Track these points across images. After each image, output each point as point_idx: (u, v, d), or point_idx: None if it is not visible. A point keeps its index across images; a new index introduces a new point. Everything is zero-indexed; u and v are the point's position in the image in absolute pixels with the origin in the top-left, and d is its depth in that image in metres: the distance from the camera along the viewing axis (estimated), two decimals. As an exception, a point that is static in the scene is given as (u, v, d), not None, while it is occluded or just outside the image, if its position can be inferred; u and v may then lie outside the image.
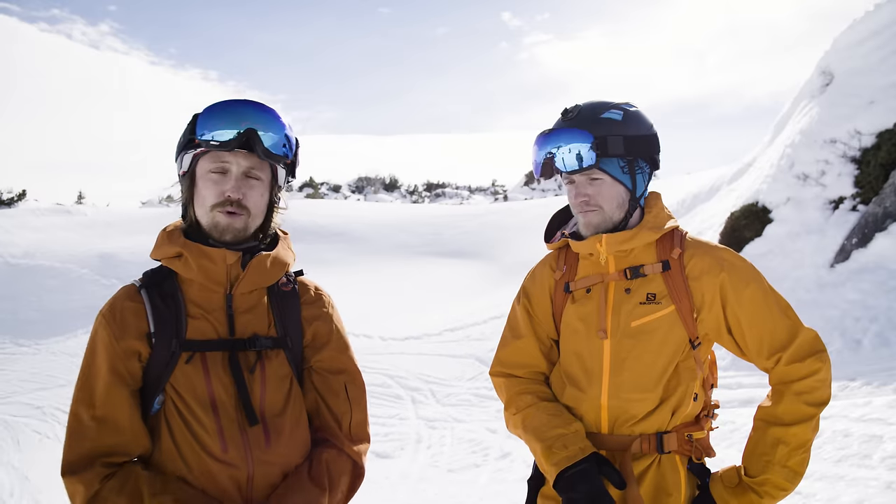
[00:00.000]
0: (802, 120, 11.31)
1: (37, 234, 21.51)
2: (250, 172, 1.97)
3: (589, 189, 2.25)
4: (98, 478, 1.79)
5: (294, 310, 2.12)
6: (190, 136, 1.95)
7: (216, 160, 1.95)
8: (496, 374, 2.51)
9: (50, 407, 10.50)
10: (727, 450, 4.98)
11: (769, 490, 2.11)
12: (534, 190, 49.37)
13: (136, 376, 1.91)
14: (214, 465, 1.87)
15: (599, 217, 2.26)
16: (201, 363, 1.92)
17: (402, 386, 10.05)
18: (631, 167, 2.24)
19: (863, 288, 8.13)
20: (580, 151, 2.18)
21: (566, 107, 2.31)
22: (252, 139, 1.91)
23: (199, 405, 1.89)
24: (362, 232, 23.42)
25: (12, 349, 14.25)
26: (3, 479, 7.96)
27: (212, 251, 1.96)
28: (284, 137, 1.99)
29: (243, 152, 1.94)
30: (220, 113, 1.92)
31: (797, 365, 2.15)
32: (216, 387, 1.92)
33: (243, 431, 1.91)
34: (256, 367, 1.98)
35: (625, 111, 2.25)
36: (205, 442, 1.87)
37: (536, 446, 2.22)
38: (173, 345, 1.91)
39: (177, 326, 1.93)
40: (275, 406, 1.99)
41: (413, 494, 6.40)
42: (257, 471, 1.90)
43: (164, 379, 1.90)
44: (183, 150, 1.99)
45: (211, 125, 1.91)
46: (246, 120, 1.92)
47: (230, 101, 1.96)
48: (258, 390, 1.96)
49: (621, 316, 2.23)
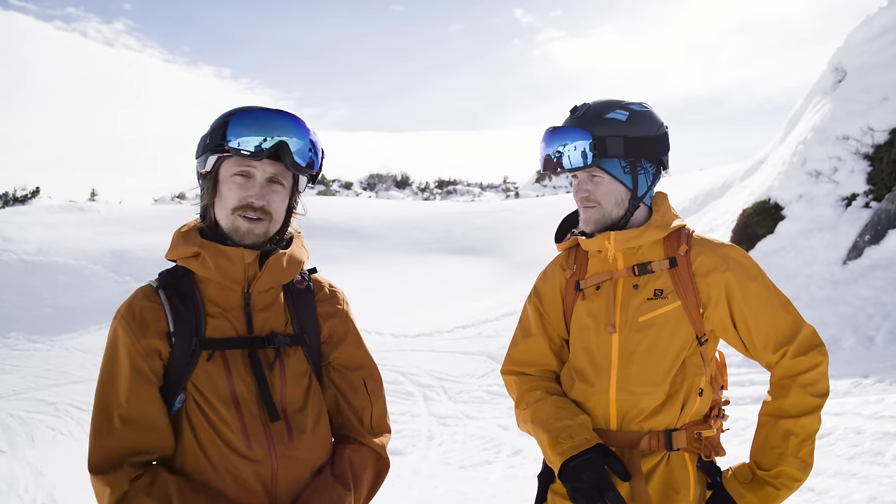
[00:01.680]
0: (815, 116, 11.26)
1: (50, 231, 21.65)
2: (274, 178, 1.99)
3: (589, 185, 2.30)
4: (127, 478, 1.80)
5: (310, 307, 2.14)
6: (220, 140, 1.95)
7: (242, 165, 1.96)
8: (507, 372, 2.54)
9: (64, 403, 10.59)
10: (739, 447, 4.98)
11: (784, 482, 2.13)
12: (545, 187, 49.27)
13: (158, 374, 1.92)
14: (239, 461, 1.88)
15: (598, 213, 2.31)
16: (222, 361, 1.94)
17: (413, 383, 10.07)
18: (633, 167, 2.28)
19: (875, 285, 8.10)
20: (582, 150, 2.23)
21: (575, 104, 2.35)
22: (282, 150, 1.93)
23: (222, 402, 1.91)
24: (374, 229, 23.43)
25: (26, 346, 14.36)
26: (18, 474, 8.03)
27: (229, 250, 1.97)
28: (311, 149, 2.01)
29: (269, 160, 1.95)
30: (252, 121, 1.93)
31: (802, 358, 2.19)
32: (238, 384, 1.93)
33: (266, 427, 1.93)
34: (276, 364, 2.00)
35: (631, 112, 2.28)
36: (228, 438, 1.89)
37: (543, 437, 2.25)
38: (193, 343, 1.93)
39: (196, 325, 1.95)
40: (295, 402, 2.01)
41: (425, 491, 6.42)
42: (281, 466, 1.92)
43: (184, 377, 1.91)
44: (209, 151, 2.00)
45: (241, 132, 1.92)
46: (277, 130, 1.93)
47: (262, 109, 1.97)
48: (279, 386, 1.98)
49: (629, 311, 2.27)
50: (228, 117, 1.97)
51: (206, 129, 2.02)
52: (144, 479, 1.82)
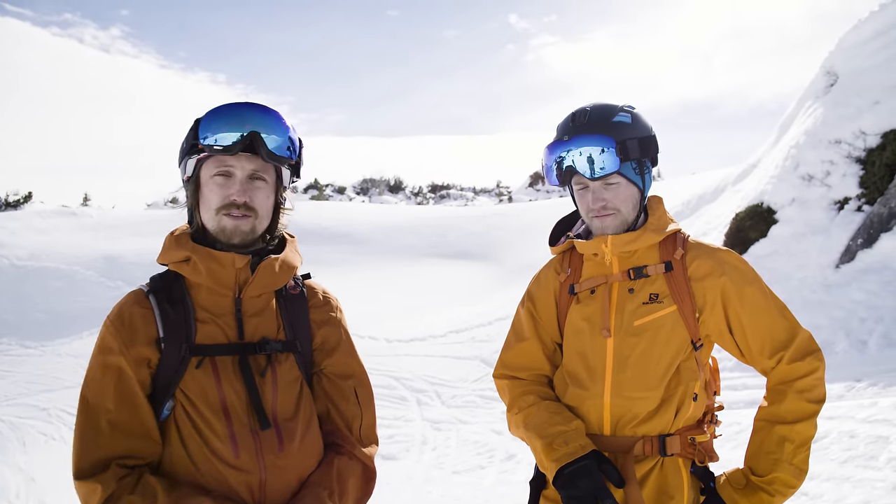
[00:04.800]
0: (807, 120, 11.28)
1: (42, 236, 21.60)
2: (255, 174, 1.97)
3: (606, 194, 2.26)
4: (115, 478, 1.78)
5: (302, 313, 2.11)
6: (193, 140, 1.94)
7: (220, 164, 1.94)
8: (499, 376, 2.52)
9: (56, 409, 10.54)
10: (733, 451, 4.97)
11: (778, 488, 2.12)
12: (538, 191, 49.27)
13: (145, 383, 1.89)
14: (226, 470, 1.85)
15: (617, 220, 2.28)
16: (212, 368, 1.91)
17: (407, 388, 10.04)
18: (641, 168, 2.28)
19: (868, 288, 8.11)
20: (603, 156, 2.20)
21: (574, 111, 2.32)
22: (256, 142, 1.90)
23: (211, 410, 1.88)
24: (367, 234, 23.41)
25: (18, 351, 14.31)
26: (9, 480, 7.99)
27: (221, 255, 1.94)
28: (288, 139, 1.98)
29: (247, 155, 1.93)
30: (223, 117, 1.92)
31: (798, 364, 2.17)
32: (227, 391, 1.90)
33: (255, 436, 1.90)
34: (267, 371, 1.96)
35: (631, 113, 2.29)
36: (216, 447, 1.86)
37: (537, 443, 2.23)
38: (183, 349, 1.90)
39: (186, 331, 1.92)
40: (286, 410, 1.98)
41: (418, 496, 6.40)
42: (270, 475, 1.88)
43: (173, 384, 1.88)
44: (186, 156, 1.98)
45: (213, 129, 1.91)
46: (249, 123, 1.91)
47: (232, 104, 1.95)
48: (270, 394, 1.95)
49: (625, 315, 2.26)
50: (200, 118, 1.95)
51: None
52: (130, 479, 1.79)
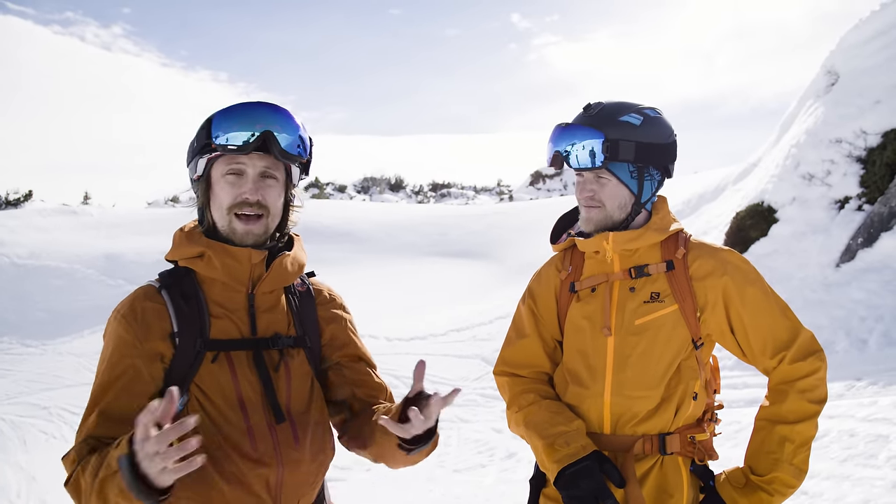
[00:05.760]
0: (808, 120, 11.29)
1: (43, 234, 21.54)
2: (266, 172, 1.97)
3: (594, 185, 2.28)
4: (88, 447, 1.76)
5: (311, 310, 2.14)
6: (206, 140, 1.94)
7: (232, 162, 1.94)
8: (500, 373, 2.52)
9: (56, 407, 10.54)
10: (732, 449, 4.97)
11: (778, 488, 2.12)
12: (539, 190, 49.26)
13: (157, 379, 1.88)
14: (244, 463, 1.86)
15: (601, 214, 2.29)
16: (227, 362, 1.92)
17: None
18: (640, 173, 2.27)
19: (868, 287, 8.12)
20: (592, 150, 2.21)
21: (589, 102, 2.33)
22: (268, 141, 1.90)
23: (227, 404, 1.89)
24: (368, 232, 23.37)
25: (19, 350, 14.31)
26: (10, 479, 8.00)
27: (237, 250, 1.95)
28: (299, 137, 1.99)
29: (258, 153, 1.93)
30: (235, 116, 1.92)
31: (800, 364, 2.17)
32: (244, 385, 1.92)
33: (272, 429, 1.92)
34: (281, 366, 1.98)
35: (645, 116, 2.27)
36: (234, 441, 1.87)
37: (538, 443, 2.23)
38: (198, 344, 1.90)
39: (200, 326, 1.92)
40: (300, 404, 2.00)
41: (419, 495, 6.41)
42: (287, 470, 1.91)
43: (188, 379, 1.88)
44: (197, 155, 1.99)
45: (225, 128, 1.91)
46: (261, 122, 1.91)
47: (244, 103, 1.95)
48: (284, 388, 1.97)
49: (625, 314, 2.26)
50: (212, 117, 1.95)
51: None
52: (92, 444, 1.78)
